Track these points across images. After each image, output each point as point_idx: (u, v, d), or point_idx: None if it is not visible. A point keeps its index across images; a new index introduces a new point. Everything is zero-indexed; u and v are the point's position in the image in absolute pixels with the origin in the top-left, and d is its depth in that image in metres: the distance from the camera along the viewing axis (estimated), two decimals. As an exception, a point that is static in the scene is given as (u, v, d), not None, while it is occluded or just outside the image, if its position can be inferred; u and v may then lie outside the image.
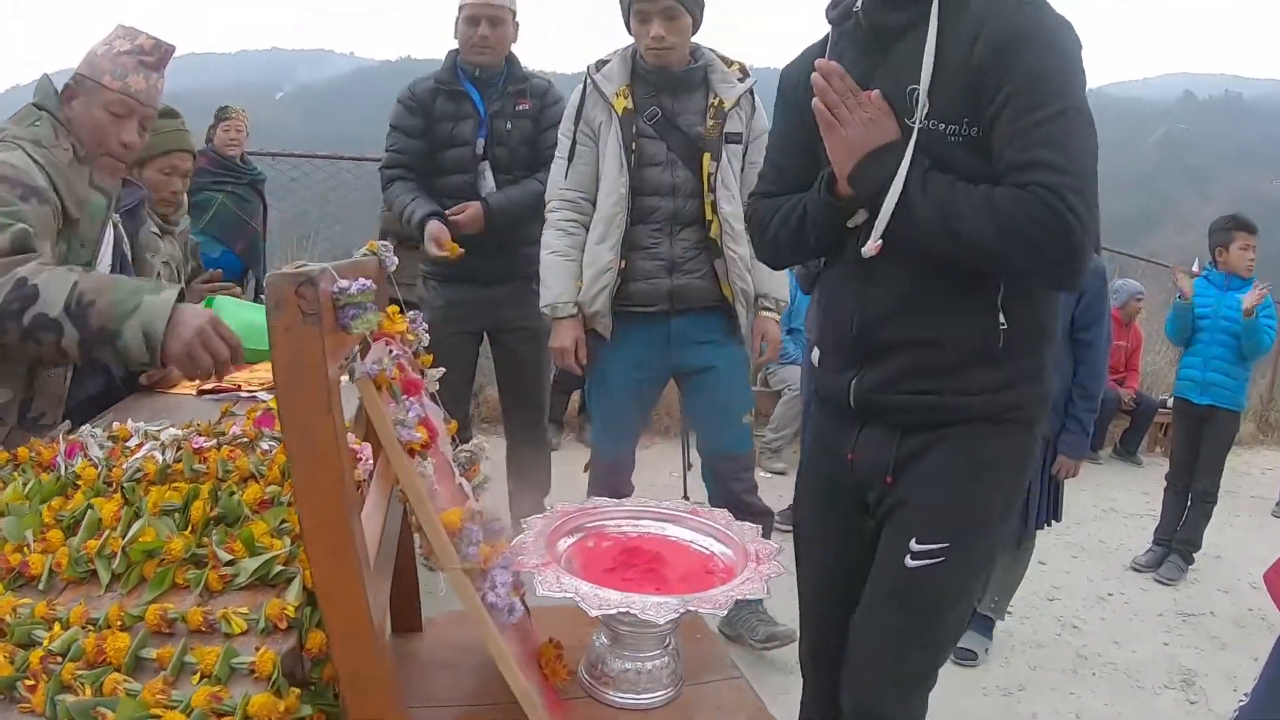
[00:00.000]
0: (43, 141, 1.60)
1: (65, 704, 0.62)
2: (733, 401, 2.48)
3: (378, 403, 0.82)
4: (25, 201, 1.50)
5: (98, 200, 1.67)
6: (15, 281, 1.40)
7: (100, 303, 1.40)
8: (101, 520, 0.91)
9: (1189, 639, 3.27)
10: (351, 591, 0.73)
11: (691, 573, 1.23)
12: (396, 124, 2.83)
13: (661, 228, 2.35)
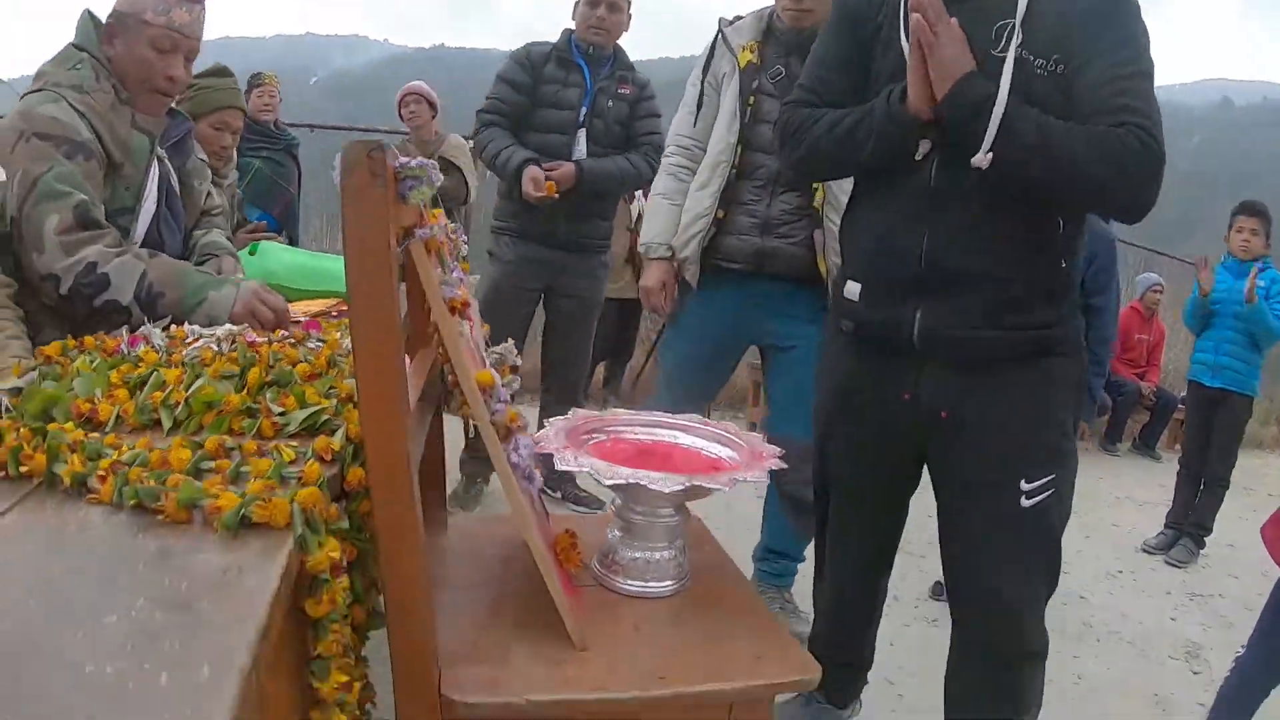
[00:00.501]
0: (84, 86, 1.61)
1: (132, 487, 0.71)
2: (807, 386, 2.50)
3: (427, 263, 0.91)
4: (71, 159, 1.54)
5: (141, 142, 1.69)
6: (86, 266, 1.48)
7: (169, 296, 1.51)
8: (165, 381, 1.00)
9: (1196, 616, 3.30)
10: (396, 437, 0.82)
11: (701, 470, 1.31)
12: (505, 75, 3.02)
13: (764, 186, 2.29)
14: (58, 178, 1.51)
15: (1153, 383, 6.08)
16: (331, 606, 0.73)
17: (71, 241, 1.49)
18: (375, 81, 69.89)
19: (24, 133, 1.52)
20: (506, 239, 3.07)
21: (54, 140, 1.53)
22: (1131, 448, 6.26)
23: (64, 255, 1.48)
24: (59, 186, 1.50)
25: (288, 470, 0.77)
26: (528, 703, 1.00)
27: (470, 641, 1.10)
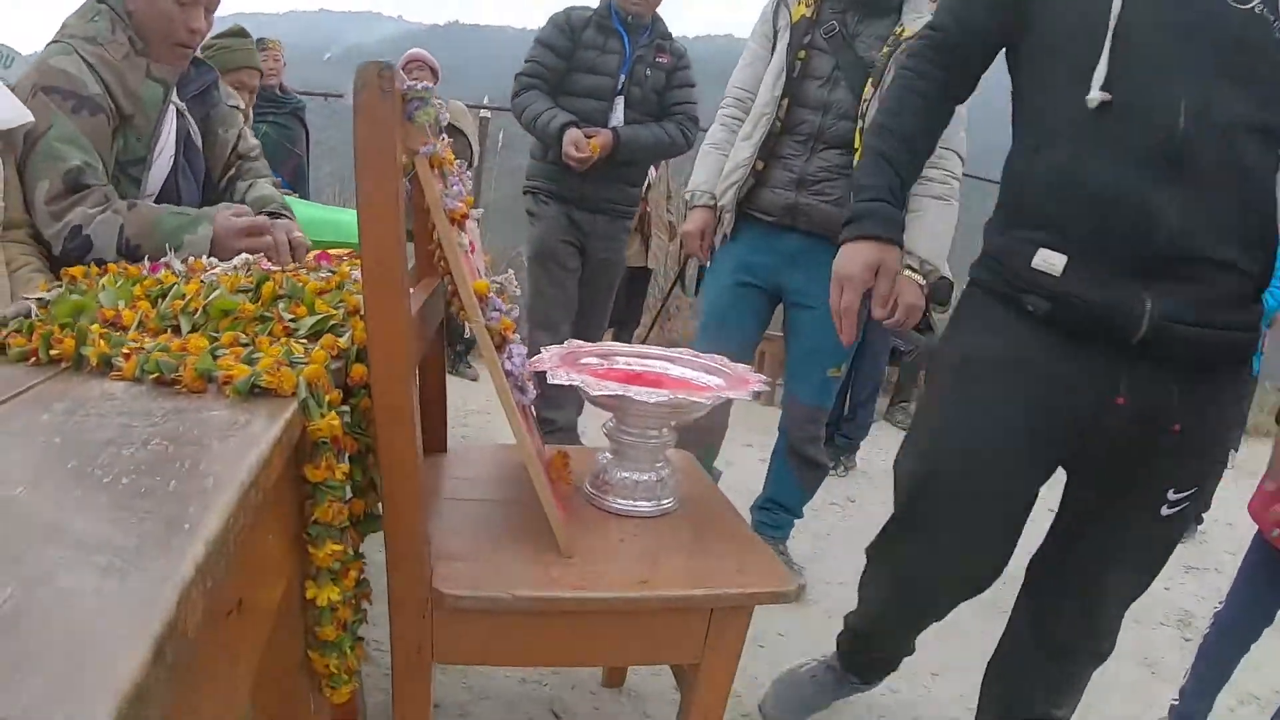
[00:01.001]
0: (99, 38, 1.64)
1: (151, 359, 0.78)
2: (823, 350, 2.36)
3: (430, 177, 0.98)
4: (76, 114, 1.57)
5: (153, 91, 1.70)
6: (70, 230, 1.53)
7: (146, 246, 1.54)
8: (185, 293, 1.07)
9: (1191, 588, 3.35)
10: (396, 320, 0.89)
11: (689, 391, 1.37)
12: (544, 39, 3.04)
13: (804, 141, 2.28)
14: (57, 138, 1.54)
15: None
16: (329, 473, 0.80)
17: (58, 209, 1.53)
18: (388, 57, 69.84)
19: (35, 86, 1.57)
20: (543, 198, 3.13)
21: (61, 94, 1.56)
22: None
23: (52, 221, 1.53)
24: (57, 148, 1.54)
25: (296, 357, 0.83)
26: (513, 598, 1.06)
27: (463, 544, 1.17)
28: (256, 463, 0.58)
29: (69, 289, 1.14)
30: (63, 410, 0.69)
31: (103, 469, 0.56)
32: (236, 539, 0.52)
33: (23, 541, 0.46)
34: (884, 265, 1.33)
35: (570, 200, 3.08)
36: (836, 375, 2.45)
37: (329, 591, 0.85)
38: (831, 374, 2.43)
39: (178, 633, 0.40)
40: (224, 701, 0.58)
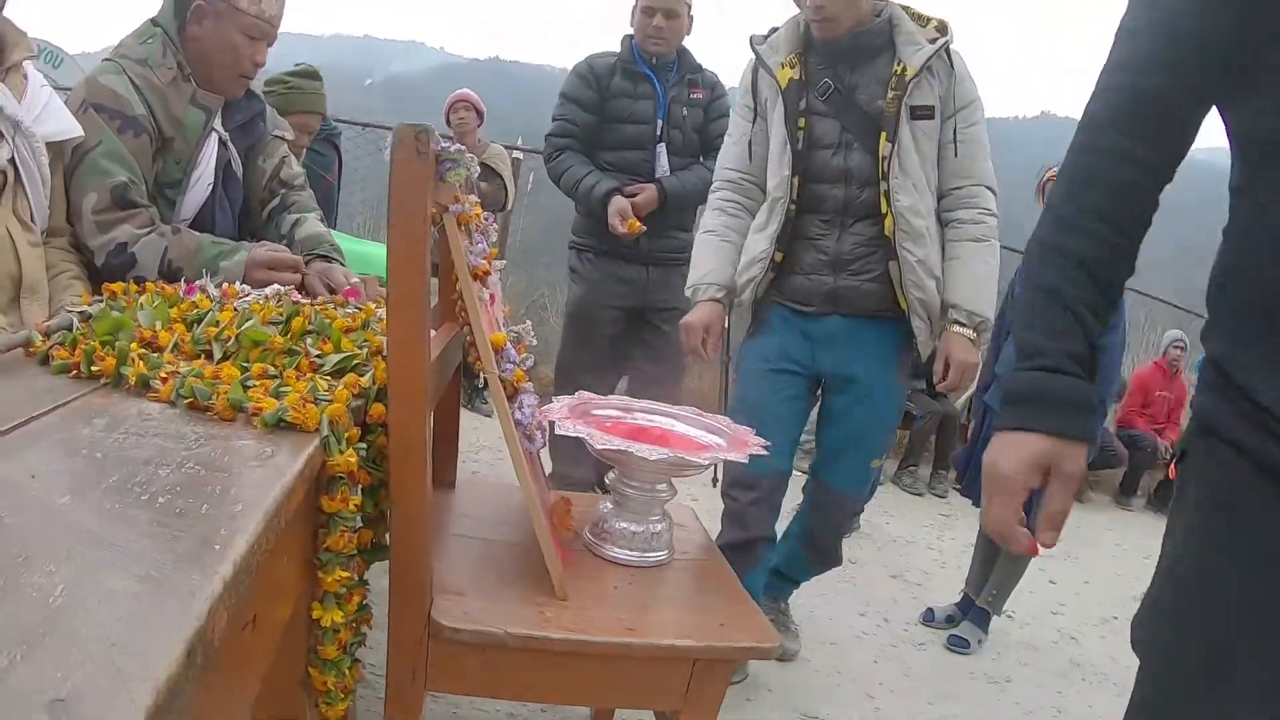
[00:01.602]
0: (149, 60, 1.71)
1: (188, 384, 0.85)
2: (867, 435, 2.14)
3: (457, 234, 1.05)
4: (121, 134, 1.65)
5: (195, 117, 1.77)
6: (116, 246, 1.61)
7: (187, 270, 1.64)
8: (219, 320, 1.14)
9: None
10: (417, 366, 0.95)
11: (690, 450, 1.43)
12: (570, 94, 2.89)
13: (831, 219, 2.06)
14: (104, 154, 1.62)
15: (1171, 440, 6.07)
16: (343, 505, 0.86)
17: (105, 221, 1.61)
18: (428, 88, 70.96)
19: (85, 102, 1.65)
20: (589, 255, 2.97)
21: (109, 113, 1.65)
22: (1146, 504, 6.26)
23: (98, 233, 1.61)
24: (104, 163, 1.62)
25: (320, 394, 0.90)
26: (506, 634, 1.11)
27: (463, 580, 1.22)
28: (281, 493, 0.64)
29: (109, 305, 1.22)
30: (103, 426, 0.75)
31: (140, 487, 0.62)
32: (259, 560, 0.58)
33: (70, 546, 0.52)
34: (1058, 467, 0.94)
35: (620, 256, 2.89)
36: (877, 465, 2.20)
37: (334, 614, 0.90)
38: (873, 465, 2.18)
39: (206, 640, 0.45)
40: (234, 706, 0.63)
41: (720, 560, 1.50)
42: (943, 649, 2.96)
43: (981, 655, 3.01)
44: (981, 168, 2.05)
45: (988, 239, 2.04)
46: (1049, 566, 4.18)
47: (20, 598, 0.45)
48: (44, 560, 0.49)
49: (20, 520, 0.54)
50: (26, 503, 0.57)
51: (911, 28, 2.02)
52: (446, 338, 1.28)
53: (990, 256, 2.04)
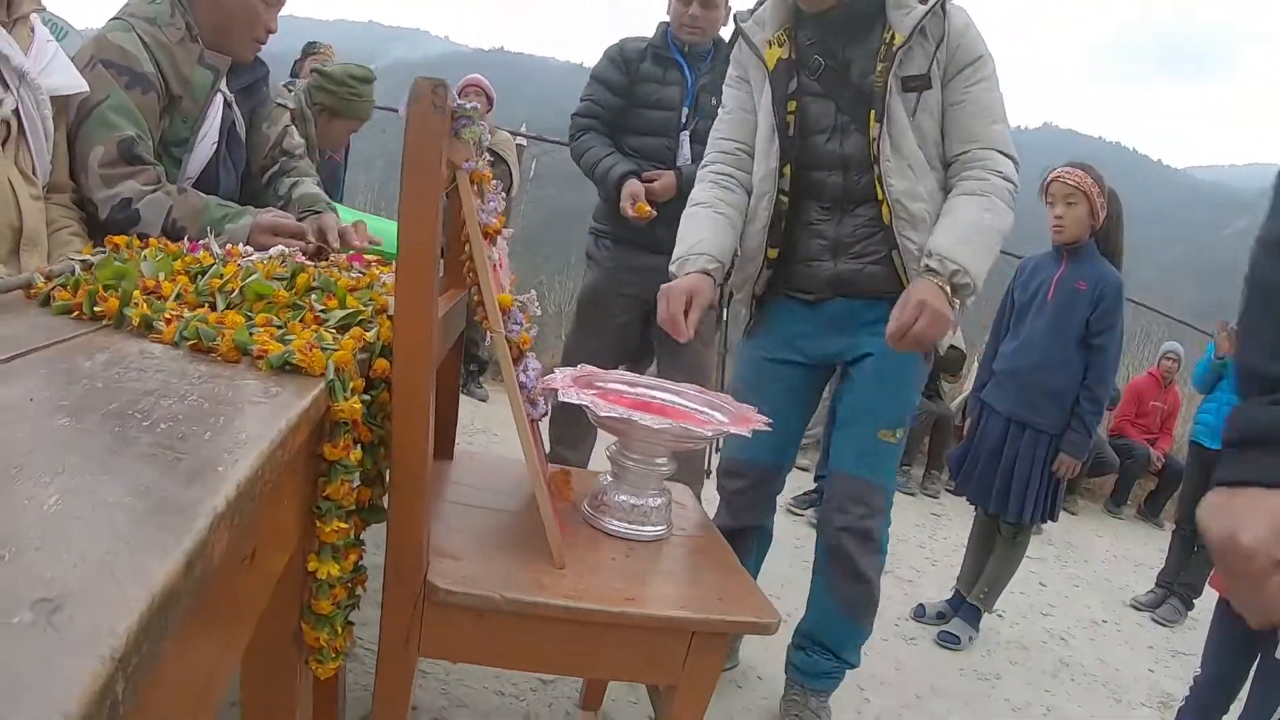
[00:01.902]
0: (158, 20, 1.72)
1: (191, 326, 0.83)
2: (874, 406, 1.87)
3: (469, 190, 1.04)
4: (129, 90, 1.65)
5: (203, 77, 1.77)
6: (121, 200, 1.61)
7: (191, 229, 1.64)
8: (223, 273, 1.12)
9: (1175, 671, 3.32)
10: (423, 316, 0.94)
11: (692, 423, 1.41)
12: (599, 76, 2.81)
13: (831, 206, 1.89)
14: (112, 108, 1.62)
15: (1163, 450, 6.09)
16: (345, 453, 0.84)
17: (111, 175, 1.61)
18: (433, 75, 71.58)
19: (93, 58, 1.65)
20: (606, 242, 2.88)
21: (117, 69, 1.65)
22: (1136, 513, 6.27)
23: (103, 186, 1.60)
24: (111, 117, 1.62)
25: (326, 343, 0.88)
26: (501, 598, 1.09)
27: (460, 545, 1.21)
28: (285, 427, 0.62)
29: (112, 255, 1.20)
30: (104, 360, 0.73)
31: (142, 414, 0.60)
32: (261, 491, 0.56)
33: (67, 460, 0.50)
34: None
35: (636, 243, 2.76)
36: (890, 441, 1.87)
37: (329, 566, 0.88)
38: (883, 437, 1.86)
39: (206, 553, 0.44)
40: (221, 646, 0.61)
41: (718, 537, 1.49)
42: (933, 644, 2.96)
43: (972, 652, 3.01)
44: (987, 130, 1.78)
45: (988, 194, 1.74)
46: (1040, 570, 4.19)
47: (12, 505, 0.43)
48: (39, 473, 0.47)
49: (17, 435, 0.52)
50: (23, 421, 0.55)
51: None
52: (450, 303, 1.26)
53: (989, 210, 1.72)
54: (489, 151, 5.06)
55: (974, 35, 1.77)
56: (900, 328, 1.61)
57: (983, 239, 1.70)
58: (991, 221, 1.72)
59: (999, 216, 1.72)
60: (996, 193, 1.73)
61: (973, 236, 1.70)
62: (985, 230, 1.71)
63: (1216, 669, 2.02)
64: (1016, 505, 2.87)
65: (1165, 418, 6.21)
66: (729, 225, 1.91)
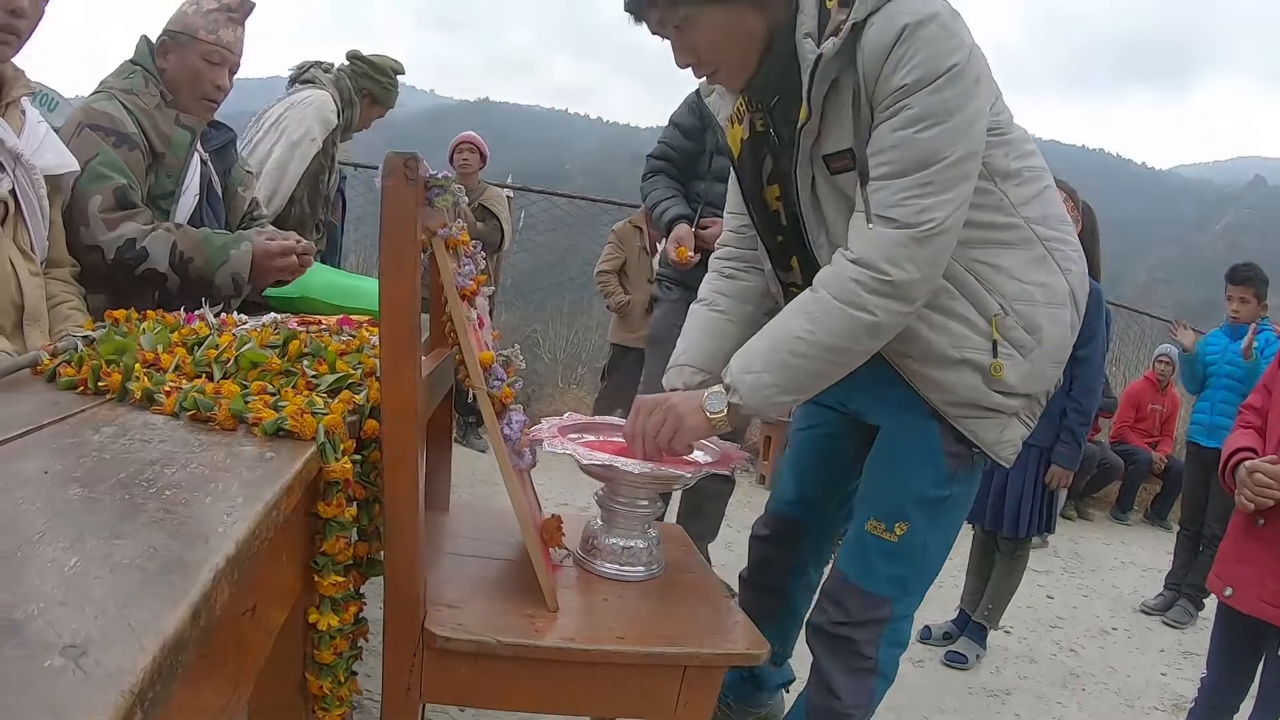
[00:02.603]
0: (134, 90, 1.91)
1: (190, 397, 0.90)
2: (868, 491, 1.54)
3: (445, 256, 1.11)
4: (117, 148, 1.82)
5: (181, 136, 1.96)
6: (126, 241, 1.76)
7: (197, 260, 1.81)
8: (219, 344, 1.19)
9: (1188, 673, 3.32)
10: (407, 376, 1.00)
11: (674, 465, 1.46)
12: (676, 120, 2.86)
13: None
14: (103, 163, 1.78)
15: (1165, 453, 6.12)
16: (339, 511, 0.90)
17: (112, 219, 1.76)
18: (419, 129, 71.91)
19: (81, 125, 1.82)
20: (667, 284, 2.90)
21: (104, 131, 1.82)
22: (1143, 518, 6.29)
23: (105, 230, 1.75)
24: (104, 170, 1.78)
25: (317, 408, 0.94)
26: (497, 643, 1.13)
27: (456, 593, 1.25)
28: (280, 489, 0.68)
29: (112, 330, 1.28)
30: (110, 433, 0.80)
31: (148, 482, 0.67)
32: (259, 548, 0.62)
33: (82, 528, 0.56)
34: None
35: (695, 288, 2.70)
36: (881, 536, 1.49)
37: (329, 618, 0.94)
38: (872, 530, 1.49)
39: (210, 605, 0.50)
40: (228, 691, 0.67)
41: (710, 575, 1.52)
42: (941, 665, 2.98)
43: (980, 670, 3.03)
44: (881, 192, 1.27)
45: (818, 291, 1.31)
46: (1047, 582, 4.21)
47: (38, 567, 0.49)
48: (59, 539, 0.54)
49: (36, 506, 0.58)
50: (40, 493, 0.61)
51: (808, 12, 1.30)
52: (436, 361, 1.33)
53: (805, 317, 1.30)
54: (481, 207, 5.17)
55: (905, 55, 1.22)
56: (640, 433, 1.36)
57: (785, 355, 1.30)
58: (803, 332, 1.29)
59: (817, 326, 1.28)
60: (835, 288, 1.28)
61: (773, 351, 1.32)
62: (790, 344, 1.30)
63: (1221, 672, 2.04)
64: (1011, 520, 2.92)
65: (1165, 420, 6.25)
66: (725, 323, 1.60)
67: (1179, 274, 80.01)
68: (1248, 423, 2.02)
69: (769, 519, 1.80)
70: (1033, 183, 1.41)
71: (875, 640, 1.52)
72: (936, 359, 1.38)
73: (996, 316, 1.37)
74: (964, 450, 1.45)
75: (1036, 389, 1.44)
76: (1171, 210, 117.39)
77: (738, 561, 3.12)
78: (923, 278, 1.25)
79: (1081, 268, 1.47)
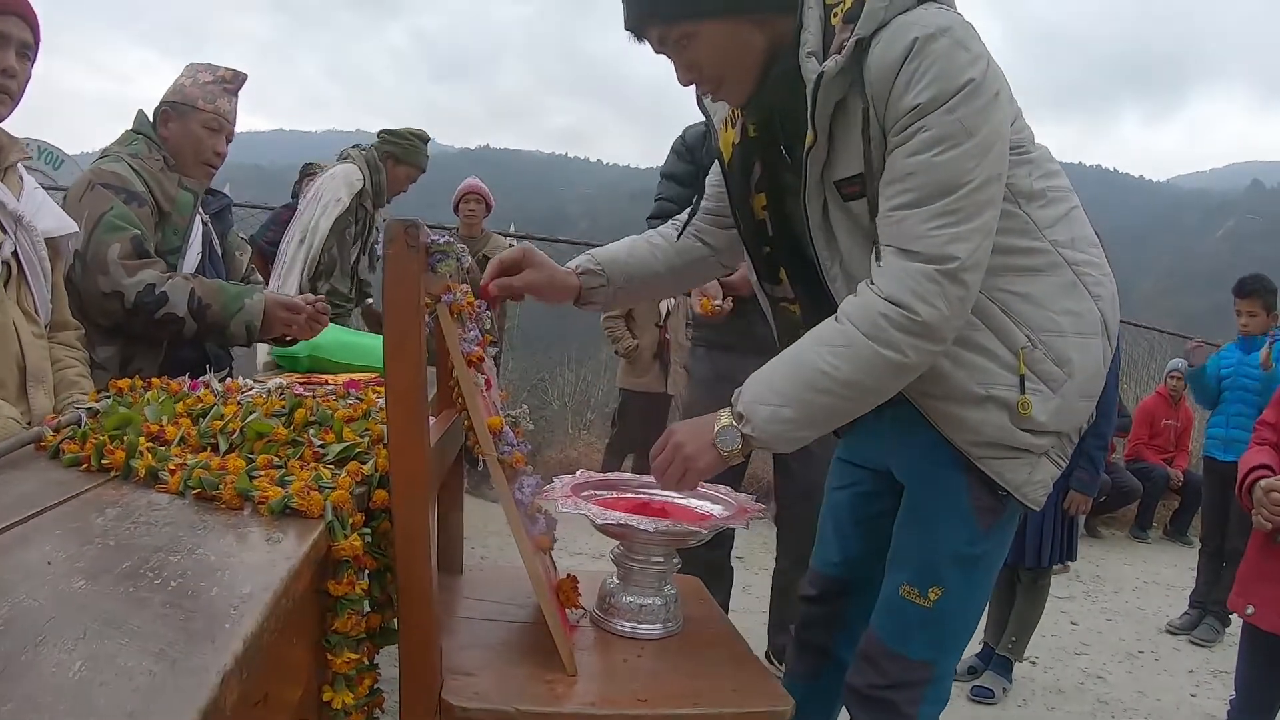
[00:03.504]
0: (139, 155, 2.03)
1: (195, 476, 0.89)
2: (899, 552, 1.44)
3: (450, 322, 1.11)
4: (128, 204, 1.93)
5: (185, 196, 2.08)
6: (146, 286, 1.87)
7: (214, 306, 1.92)
8: (224, 414, 1.19)
9: (1218, 691, 3.25)
10: (416, 447, 0.99)
11: (690, 520, 1.44)
12: (666, 172, 2.68)
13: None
14: (118, 215, 1.89)
15: (1181, 468, 6.05)
16: (350, 588, 0.88)
17: (130, 265, 1.86)
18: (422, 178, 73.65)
19: (92, 183, 1.92)
20: (701, 350, 2.66)
21: (115, 189, 1.93)
22: (1163, 535, 6.21)
23: (125, 276, 1.85)
24: (119, 222, 1.88)
25: (324, 482, 0.93)
26: (516, 711, 1.10)
27: (473, 660, 1.22)
28: (287, 575, 0.67)
29: (116, 401, 1.27)
30: (115, 516, 0.79)
31: (153, 572, 0.66)
32: (268, 639, 0.61)
33: (87, 626, 0.55)
34: None
35: (732, 346, 2.48)
36: (917, 602, 1.38)
37: (344, 696, 0.92)
38: (906, 595, 1.39)
39: (219, 708, 0.48)
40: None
41: (730, 629, 1.48)
42: (968, 701, 2.92)
43: (1008, 704, 2.97)
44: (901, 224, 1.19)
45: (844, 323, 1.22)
46: (1070, 608, 4.14)
47: (40, 673, 0.48)
48: (62, 639, 0.53)
49: (39, 603, 0.57)
50: (44, 587, 0.60)
51: (812, 25, 1.23)
52: (446, 424, 1.32)
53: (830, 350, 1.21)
54: (486, 258, 5.20)
55: (917, 72, 1.15)
56: (656, 471, 1.34)
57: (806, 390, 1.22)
58: (827, 366, 1.21)
59: (843, 362, 1.20)
60: (864, 323, 1.19)
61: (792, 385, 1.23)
62: (812, 379, 1.22)
63: (1250, 692, 2.01)
64: (1033, 550, 2.87)
65: (1179, 435, 6.20)
66: (650, 253, 1.58)
67: (1184, 283, 79.90)
68: (1263, 439, 2.00)
69: (814, 578, 1.70)
70: (1059, 204, 1.32)
71: (917, 700, 1.43)
72: (960, 397, 1.28)
73: (1024, 349, 1.27)
74: (994, 503, 1.34)
75: (1067, 426, 1.33)
76: (1172, 220, 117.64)
77: (757, 604, 3.08)
78: (953, 315, 1.17)
79: (1112, 291, 1.37)
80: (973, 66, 1.15)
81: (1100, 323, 1.33)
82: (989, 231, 1.18)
